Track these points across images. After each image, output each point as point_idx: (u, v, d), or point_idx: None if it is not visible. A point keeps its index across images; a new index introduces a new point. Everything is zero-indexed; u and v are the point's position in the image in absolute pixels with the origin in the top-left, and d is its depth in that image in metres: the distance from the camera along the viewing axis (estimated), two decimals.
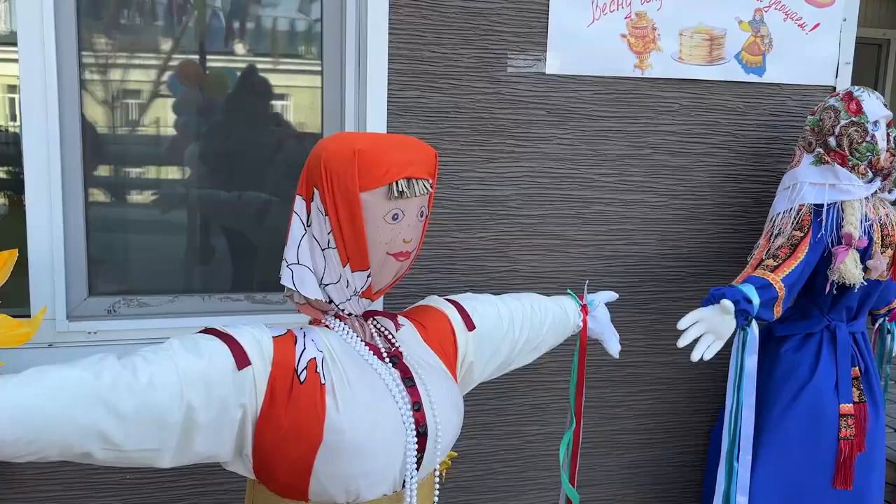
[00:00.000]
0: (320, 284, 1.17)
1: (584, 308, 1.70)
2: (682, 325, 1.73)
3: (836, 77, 2.28)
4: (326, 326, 1.21)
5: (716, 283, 2.21)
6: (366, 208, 1.12)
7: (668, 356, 2.29)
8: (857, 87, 1.99)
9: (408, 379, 1.19)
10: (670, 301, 2.28)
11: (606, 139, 2.16)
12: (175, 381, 1.01)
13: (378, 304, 1.97)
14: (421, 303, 1.45)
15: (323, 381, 1.11)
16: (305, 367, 1.11)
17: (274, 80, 2.10)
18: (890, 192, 2.03)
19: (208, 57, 2.04)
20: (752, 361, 1.87)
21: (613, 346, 1.75)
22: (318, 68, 2.03)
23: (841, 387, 1.98)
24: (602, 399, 2.27)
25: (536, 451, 2.24)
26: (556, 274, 2.18)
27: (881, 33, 6.34)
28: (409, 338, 1.30)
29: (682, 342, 1.73)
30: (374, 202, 1.12)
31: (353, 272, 1.16)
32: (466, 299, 1.47)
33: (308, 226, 1.16)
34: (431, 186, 1.22)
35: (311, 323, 1.24)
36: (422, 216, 1.21)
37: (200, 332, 1.11)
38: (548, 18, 2.03)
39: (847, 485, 1.99)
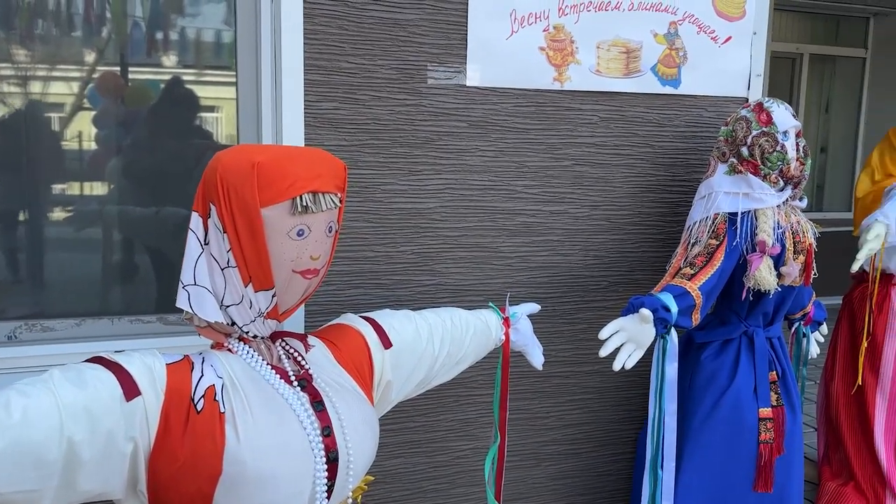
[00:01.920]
0: (221, 306, 1.12)
1: (506, 321, 1.68)
2: (603, 334, 1.74)
3: (749, 89, 2.35)
4: (229, 350, 1.15)
5: (638, 291, 2.25)
6: (268, 224, 1.07)
7: (594, 365, 2.30)
8: (767, 99, 2.05)
9: (318, 403, 1.15)
10: (594, 310, 2.29)
11: (528, 151, 2.16)
12: (54, 415, 0.93)
13: (299, 323, 1.91)
14: (335, 321, 1.40)
15: (222, 410, 1.05)
16: (203, 395, 1.05)
17: (199, 91, 2.04)
18: (801, 199, 2.10)
19: (130, 68, 1.97)
20: (672, 369, 1.90)
21: (537, 358, 1.74)
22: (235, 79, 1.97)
23: (759, 391, 2.03)
24: (530, 411, 2.26)
25: (466, 466, 2.21)
26: (481, 286, 2.16)
27: (794, 47, 6.65)
28: (320, 359, 1.25)
29: (604, 352, 1.75)
30: (277, 217, 1.07)
31: (256, 292, 1.11)
32: (383, 316, 1.43)
33: (206, 244, 1.10)
34: (341, 201, 1.18)
35: (213, 347, 1.17)
36: (331, 231, 1.16)
37: (87, 360, 1.04)
38: (467, 30, 2.02)
39: (768, 487, 2.04)
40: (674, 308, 1.82)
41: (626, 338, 1.76)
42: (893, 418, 2.72)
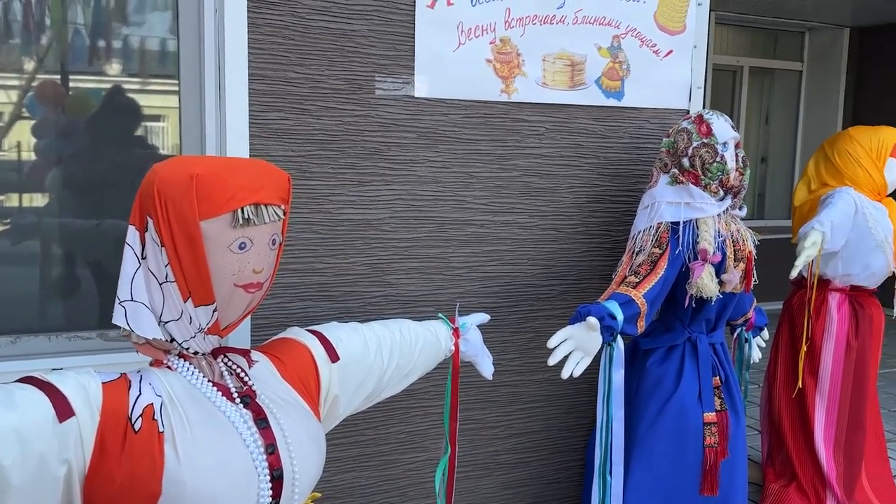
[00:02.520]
0: (159, 322, 1.09)
1: (455, 332, 1.69)
2: (551, 343, 1.76)
3: (690, 101, 2.42)
4: (168, 367, 1.12)
5: (585, 299, 2.28)
6: (208, 238, 1.05)
7: (544, 374, 2.32)
8: (707, 111, 2.11)
9: (261, 420, 1.13)
10: (543, 319, 2.32)
11: (477, 162, 2.18)
12: None
13: (244, 337, 1.87)
14: (280, 335, 1.38)
15: (161, 429, 1.02)
16: (141, 415, 1.02)
17: (143, 100, 2.00)
18: (740, 208, 2.17)
19: (71, 77, 1.92)
20: (619, 376, 1.93)
21: (486, 367, 1.75)
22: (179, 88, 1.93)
23: (704, 396, 2.07)
24: (480, 420, 2.27)
25: (417, 479, 2.20)
26: (431, 297, 2.16)
27: (735, 60, 6.87)
28: (264, 374, 1.23)
29: (552, 360, 1.77)
30: (217, 231, 1.06)
31: (196, 307, 1.08)
32: (330, 329, 1.42)
33: (143, 258, 1.07)
34: (285, 213, 1.17)
35: (151, 364, 1.14)
36: (274, 244, 1.15)
37: (18, 381, 1.00)
38: (414, 42, 2.03)
39: (713, 491, 2.08)
40: (620, 316, 1.85)
41: (574, 346, 1.78)
42: (832, 420, 2.81)
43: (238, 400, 1.13)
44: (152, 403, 1.04)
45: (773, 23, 6.79)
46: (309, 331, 1.39)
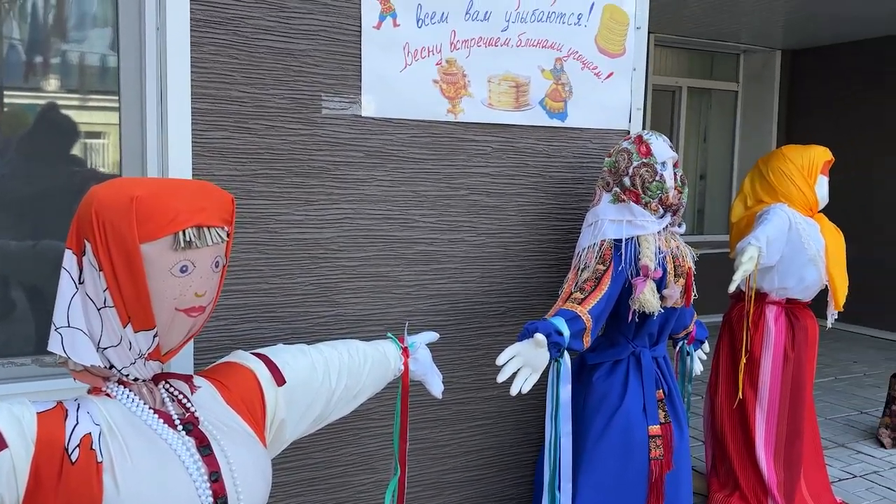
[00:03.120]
0: (98, 348, 1.06)
1: (405, 351, 1.68)
2: (500, 360, 1.78)
3: (630, 122, 2.49)
4: (107, 395, 1.09)
5: (533, 316, 2.31)
6: (148, 261, 1.03)
7: (493, 390, 2.34)
8: (646, 132, 2.18)
9: (204, 447, 1.10)
10: (492, 336, 2.34)
11: (425, 180, 2.19)
12: None
13: (187, 361, 1.83)
14: (224, 359, 1.36)
15: (100, 459, 0.99)
16: (78, 445, 0.99)
17: (83, 117, 1.94)
18: (679, 225, 2.23)
19: (6, 92, 1.86)
20: (566, 391, 1.96)
21: (436, 386, 1.75)
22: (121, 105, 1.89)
23: (648, 409, 2.12)
24: (430, 440, 2.26)
25: (367, 501, 2.18)
26: (380, 316, 2.16)
27: (674, 81, 7.11)
28: (208, 400, 1.21)
29: (501, 377, 1.78)
30: (158, 254, 1.04)
31: (135, 332, 1.06)
32: (276, 351, 1.40)
33: (80, 283, 1.04)
34: (228, 234, 1.15)
35: (90, 392, 1.11)
36: (217, 266, 1.13)
37: None
38: (361, 62, 2.04)
39: (660, 503, 2.12)
40: (566, 332, 1.88)
41: (522, 362, 1.80)
42: (772, 429, 2.91)
43: (180, 427, 1.11)
44: (90, 433, 1.01)
45: (710, 45, 7.06)
46: (254, 354, 1.37)
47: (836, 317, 2.96)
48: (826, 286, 2.89)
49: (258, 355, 1.36)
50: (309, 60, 1.98)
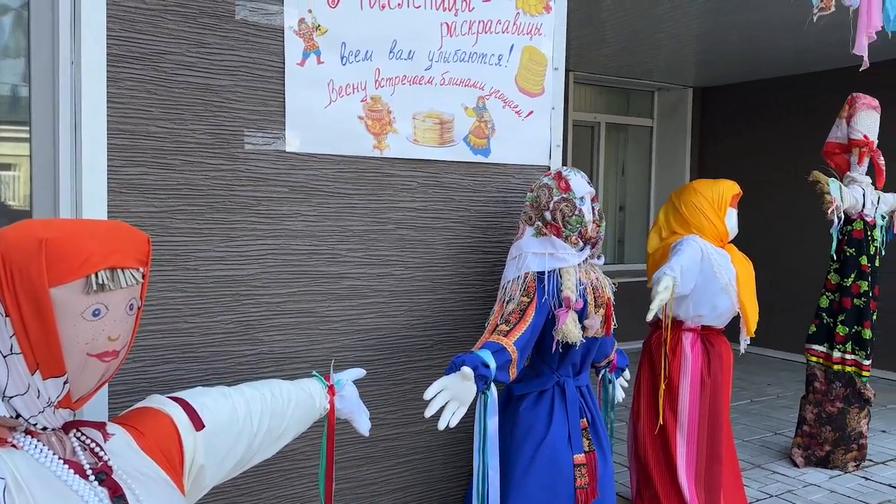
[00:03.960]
0: (3, 397, 1.00)
1: (330, 389, 1.67)
2: (427, 394, 1.79)
3: (550, 158, 2.57)
4: (13, 446, 1.03)
5: (461, 349, 2.33)
6: (58, 305, 0.99)
7: (421, 425, 2.33)
8: (565, 168, 2.26)
9: (118, 497, 1.06)
10: (420, 370, 2.34)
11: (351, 215, 2.19)
12: None
13: (101, 407, 1.75)
14: (139, 405, 1.31)
15: None
16: None
17: None
18: (598, 258, 2.31)
19: None
20: (493, 423, 1.97)
21: (363, 423, 1.73)
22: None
23: (573, 438, 2.16)
24: (358, 478, 2.23)
25: None
26: (306, 353, 2.13)
27: (593, 117, 7.38)
28: (122, 448, 1.16)
29: (429, 412, 1.78)
30: (69, 297, 1.00)
31: (44, 380, 1.01)
32: (195, 395, 1.36)
33: None
34: (143, 275, 1.12)
35: None
36: (132, 309, 1.10)
37: None
38: (284, 98, 2.04)
39: None
40: (492, 364, 1.90)
41: (450, 396, 1.82)
42: (692, 453, 3.00)
43: (92, 477, 1.06)
44: None
45: (626, 82, 7.39)
46: (171, 398, 1.32)
47: (749, 342, 3.10)
48: (738, 313, 3.03)
49: (176, 399, 1.32)
50: (231, 96, 1.96)
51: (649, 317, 2.71)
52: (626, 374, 2.65)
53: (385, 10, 2.16)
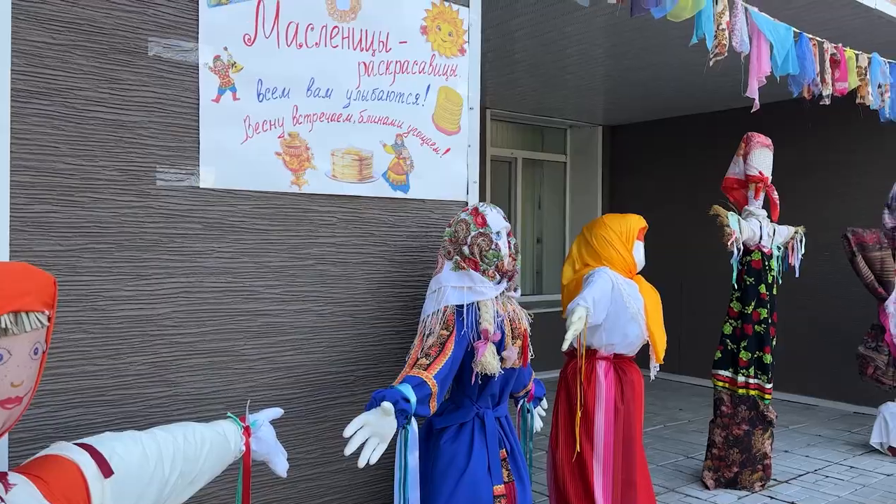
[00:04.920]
0: None
1: (246, 430, 1.63)
2: (347, 432, 1.78)
3: (468, 193, 2.64)
4: None
5: (382, 383, 2.33)
6: None
7: (342, 463, 2.30)
8: (482, 204, 2.32)
9: None
10: (341, 406, 2.32)
11: (269, 251, 2.18)
12: None
13: (2, 457, 1.65)
14: (43, 452, 1.25)
15: None
16: None
17: None
18: (515, 290, 2.37)
19: None
20: (414, 458, 1.98)
21: (280, 464, 1.71)
22: None
23: (493, 469, 2.19)
24: None
25: None
26: (222, 394, 2.07)
27: (510, 153, 7.60)
28: (25, 499, 1.11)
29: (349, 450, 1.77)
30: None
31: None
32: (103, 441, 1.31)
33: None
34: (49, 318, 1.09)
35: None
36: (37, 353, 1.06)
37: None
38: (198, 134, 2.02)
39: None
40: (413, 398, 1.92)
41: (370, 432, 1.81)
42: (609, 480, 3.08)
43: None
44: None
45: (540, 120, 7.67)
46: (78, 444, 1.27)
47: (658, 369, 3.23)
48: (647, 341, 3.16)
49: (83, 445, 1.26)
50: (143, 132, 1.93)
51: (565, 346, 2.79)
52: (544, 403, 2.71)
53: (302, 48, 2.19)
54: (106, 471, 1.24)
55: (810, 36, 3.73)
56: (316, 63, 2.22)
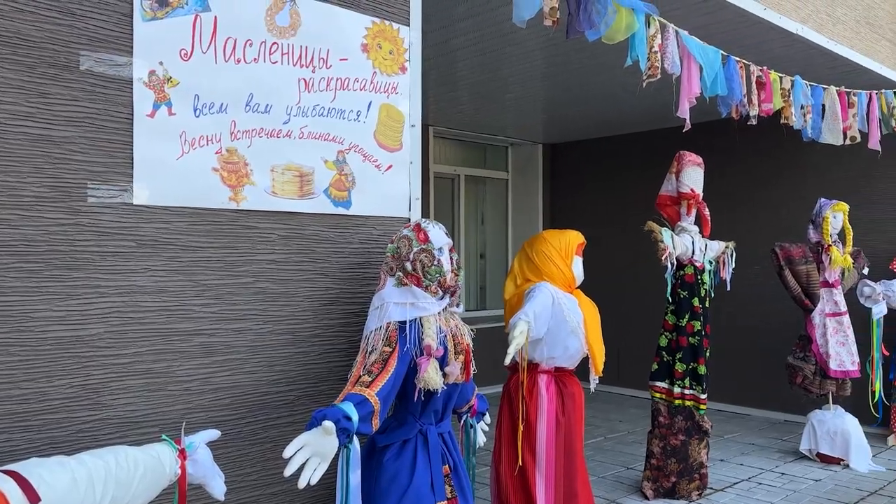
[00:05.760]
0: None
1: (182, 453, 1.59)
2: (287, 452, 1.75)
3: (410, 210, 2.65)
4: None
5: (324, 402, 2.30)
6: None
7: (282, 485, 2.26)
8: (424, 220, 2.33)
9: None
10: (281, 427, 2.28)
11: (206, 269, 2.13)
12: None
13: None
14: None
15: None
16: None
17: None
18: (457, 306, 2.39)
19: None
20: (356, 477, 1.96)
21: (218, 488, 1.67)
22: None
23: (436, 486, 2.19)
24: None
25: None
26: (156, 416, 2.01)
27: (453, 170, 7.66)
28: None
29: (289, 470, 1.74)
30: None
31: None
32: (29, 466, 1.26)
33: None
34: None
35: None
36: None
37: None
38: (132, 150, 1.97)
39: None
40: (355, 416, 1.90)
41: (311, 452, 1.79)
42: (551, 493, 3.11)
43: None
44: None
45: (482, 138, 7.76)
46: (3, 471, 1.21)
47: (598, 381, 3.30)
48: (587, 354, 3.22)
49: (7, 472, 1.21)
50: (74, 148, 1.87)
51: (507, 360, 2.82)
52: (487, 418, 2.72)
53: (241, 64, 2.17)
54: (32, 497, 1.19)
55: (737, 59, 3.91)
56: (255, 79, 2.20)
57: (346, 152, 2.43)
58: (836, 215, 5.09)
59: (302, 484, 1.75)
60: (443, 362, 2.21)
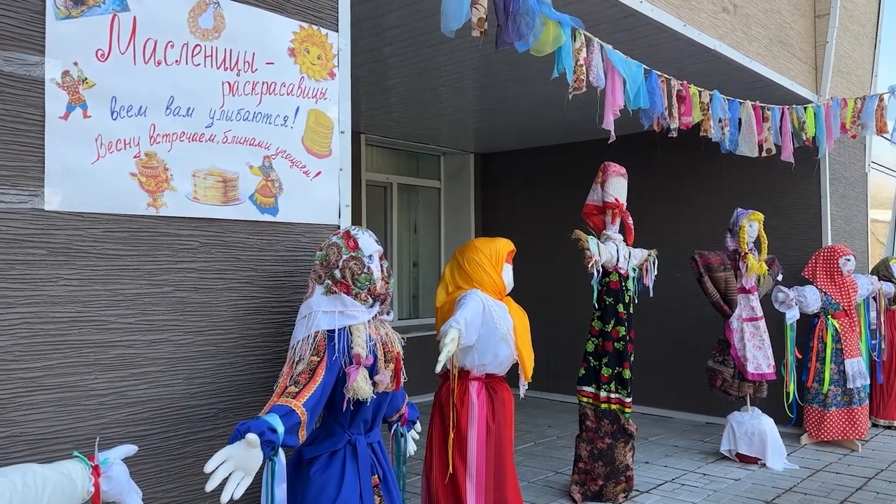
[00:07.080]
0: None
1: (95, 469, 1.52)
2: (208, 467, 1.70)
3: (340, 217, 2.62)
4: None
5: (248, 415, 2.24)
6: None
7: (205, 501, 2.18)
8: (353, 227, 2.31)
9: None
10: (203, 441, 2.20)
11: (122, 278, 2.04)
12: None
13: None
14: None
15: None
16: None
17: None
18: (388, 313, 2.37)
19: None
20: (281, 490, 1.91)
21: None
22: None
23: (364, 497, 2.16)
24: None
25: None
26: (69, 432, 1.91)
27: (385, 178, 7.64)
28: None
29: (210, 485, 1.69)
30: None
31: None
32: None
33: None
34: None
35: None
36: None
37: None
38: (44, 153, 1.87)
39: None
40: (280, 428, 1.86)
41: (234, 466, 1.74)
42: (482, 499, 3.12)
43: None
44: None
45: (415, 146, 7.78)
46: None
47: (527, 387, 3.34)
48: (517, 360, 3.25)
49: None
50: None
51: (438, 368, 2.82)
52: (418, 426, 2.71)
53: (161, 66, 2.10)
54: None
55: (659, 73, 4.05)
56: (176, 81, 2.13)
57: (273, 158, 2.38)
58: (752, 224, 5.33)
59: (224, 499, 1.69)
60: (372, 371, 2.18)
